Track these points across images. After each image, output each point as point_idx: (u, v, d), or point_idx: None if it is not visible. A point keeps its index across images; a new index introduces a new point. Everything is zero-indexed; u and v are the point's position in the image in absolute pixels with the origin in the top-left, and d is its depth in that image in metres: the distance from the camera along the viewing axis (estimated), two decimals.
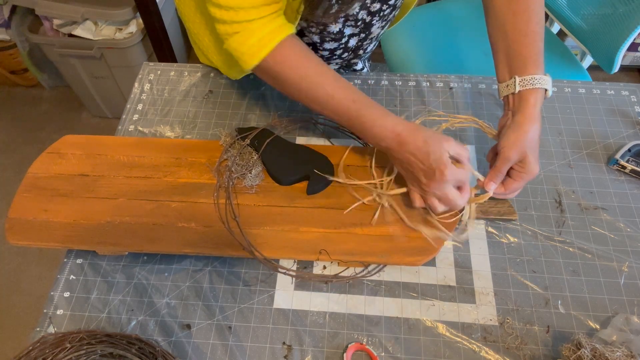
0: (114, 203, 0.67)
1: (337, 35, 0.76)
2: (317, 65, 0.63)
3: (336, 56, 0.83)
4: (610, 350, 0.53)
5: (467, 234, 0.66)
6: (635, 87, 0.83)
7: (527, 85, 0.62)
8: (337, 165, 0.70)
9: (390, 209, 0.66)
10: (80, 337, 0.52)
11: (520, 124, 0.62)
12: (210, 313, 0.62)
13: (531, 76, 0.62)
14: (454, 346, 0.59)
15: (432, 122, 0.77)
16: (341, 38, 0.77)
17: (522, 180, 0.62)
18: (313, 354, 0.59)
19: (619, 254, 0.65)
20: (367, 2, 0.72)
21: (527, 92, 0.62)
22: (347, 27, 0.76)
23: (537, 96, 0.62)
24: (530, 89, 0.62)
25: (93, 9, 1.45)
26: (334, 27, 0.75)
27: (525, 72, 0.63)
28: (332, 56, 0.83)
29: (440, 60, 1.16)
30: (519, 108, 0.63)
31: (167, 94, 0.85)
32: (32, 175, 0.71)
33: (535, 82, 0.61)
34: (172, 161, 0.72)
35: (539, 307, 0.62)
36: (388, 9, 0.76)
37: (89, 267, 0.66)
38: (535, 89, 0.62)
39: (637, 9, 0.96)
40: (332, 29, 0.75)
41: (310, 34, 0.77)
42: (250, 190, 0.69)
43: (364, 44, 0.83)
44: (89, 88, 1.71)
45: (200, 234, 0.64)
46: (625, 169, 0.72)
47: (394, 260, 0.62)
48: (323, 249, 0.63)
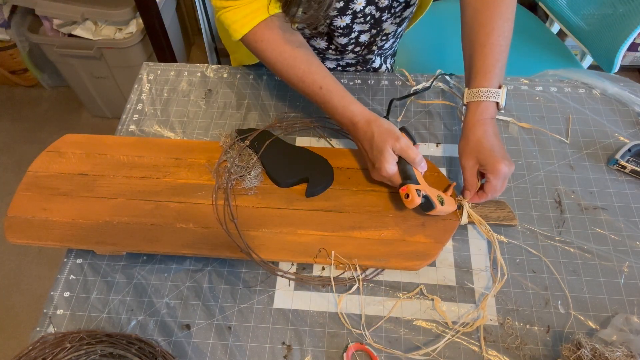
0: (113, 203, 0.67)
1: (345, 30, 0.77)
2: (292, 49, 0.67)
3: (348, 51, 0.84)
4: (610, 350, 0.53)
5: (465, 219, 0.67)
6: (635, 87, 0.83)
7: (473, 97, 0.66)
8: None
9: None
10: (80, 337, 0.52)
11: (464, 133, 0.66)
12: (210, 313, 0.62)
13: (477, 89, 0.66)
14: (454, 346, 0.59)
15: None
16: (350, 33, 0.78)
17: (492, 182, 0.63)
18: (313, 354, 0.59)
19: (619, 254, 0.65)
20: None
21: (473, 104, 0.66)
22: (356, 23, 0.76)
23: (482, 108, 0.65)
24: (475, 101, 0.65)
25: (93, 9, 1.45)
26: (341, 22, 0.75)
27: (474, 85, 0.66)
28: (345, 50, 0.84)
29: (441, 60, 1.16)
30: (466, 117, 0.67)
31: (167, 94, 0.85)
32: (32, 173, 0.71)
33: (481, 95, 0.65)
34: (172, 161, 0.72)
35: (539, 307, 0.62)
36: (399, 6, 0.76)
37: (88, 267, 0.66)
38: (480, 101, 0.65)
39: (637, 9, 0.96)
40: (339, 24, 0.75)
41: (321, 27, 0.78)
42: (249, 192, 0.69)
43: (377, 40, 0.83)
44: (89, 88, 1.71)
45: (199, 235, 0.64)
46: (625, 169, 0.72)
47: (392, 264, 0.62)
48: (322, 248, 0.63)
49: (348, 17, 0.74)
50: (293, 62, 0.67)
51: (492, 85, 0.65)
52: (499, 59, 0.66)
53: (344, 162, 0.72)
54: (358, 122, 0.65)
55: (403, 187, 0.61)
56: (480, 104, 0.66)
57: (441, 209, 0.62)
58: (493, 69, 0.65)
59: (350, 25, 0.76)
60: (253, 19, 0.65)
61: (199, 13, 1.57)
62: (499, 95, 0.65)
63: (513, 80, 0.85)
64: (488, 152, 0.63)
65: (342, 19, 0.75)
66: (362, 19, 0.75)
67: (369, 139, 0.64)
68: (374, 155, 0.63)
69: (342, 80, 0.86)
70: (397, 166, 0.63)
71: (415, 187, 0.60)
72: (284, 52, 0.67)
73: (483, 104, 0.65)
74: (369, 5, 0.73)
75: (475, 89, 0.66)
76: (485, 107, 0.65)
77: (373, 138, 0.63)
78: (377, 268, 0.64)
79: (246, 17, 0.65)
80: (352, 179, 0.70)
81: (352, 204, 0.67)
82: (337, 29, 0.77)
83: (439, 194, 0.64)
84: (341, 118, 0.67)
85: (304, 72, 0.67)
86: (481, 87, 0.65)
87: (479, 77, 0.66)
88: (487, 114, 0.65)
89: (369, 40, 0.82)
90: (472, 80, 0.67)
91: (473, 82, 0.67)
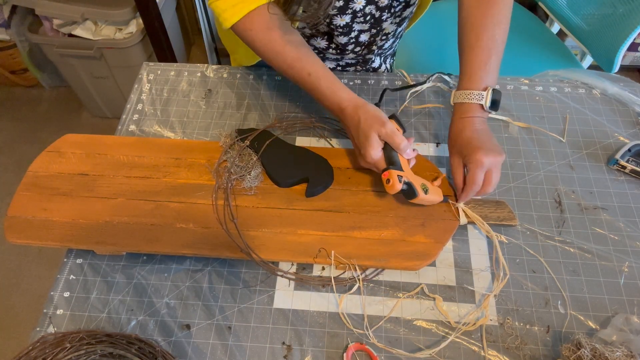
0: (113, 203, 0.67)
1: (345, 29, 0.77)
2: (281, 37, 0.67)
3: (348, 50, 0.84)
4: (610, 350, 0.53)
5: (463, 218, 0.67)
6: (635, 86, 0.83)
7: (457, 99, 0.68)
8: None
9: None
10: (80, 337, 0.52)
11: (450, 130, 0.69)
12: (210, 313, 0.62)
13: (461, 91, 0.68)
14: (454, 346, 0.59)
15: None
16: (350, 32, 0.78)
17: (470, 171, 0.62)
18: (313, 354, 0.59)
19: (619, 254, 0.65)
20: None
21: (457, 105, 0.69)
22: (355, 23, 0.76)
23: (465, 109, 0.67)
24: (460, 102, 0.67)
25: (93, 9, 1.45)
26: (340, 21, 0.76)
27: (459, 87, 0.69)
28: (345, 50, 0.84)
29: (442, 60, 1.16)
30: (452, 117, 0.70)
31: (167, 94, 0.85)
32: (32, 173, 0.71)
33: (464, 97, 0.67)
34: (172, 161, 0.72)
35: (539, 307, 0.62)
36: (399, 6, 0.76)
37: (88, 267, 0.66)
38: (463, 102, 0.67)
39: (637, 9, 0.96)
40: (339, 22, 0.76)
41: (320, 26, 0.78)
42: (249, 192, 0.69)
43: (377, 40, 0.83)
44: (89, 88, 1.71)
45: (199, 235, 0.64)
46: (625, 169, 0.72)
47: (392, 264, 0.62)
48: (322, 248, 0.63)
49: (348, 16, 0.74)
50: (282, 49, 0.68)
51: (476, 88, 0.66)
52: (487, 61, 0.67)
53: (344, 162, 0.72)
54: (346, 107, 0.66)
55: (385, 173, 0.61)
56: (463, 105, 0.67)
57: (424, 198, 0.62)
58: (479, 71, 0.67)
59: (350, 24, 0.76)
60: (243, 8, 0.66)
61: (199, 13, 1.57)
62: (482, 97, 0.66)
63: (513, 80, 0.85)
64: (466, 143, 0.64)
65: (342, 18, 0.75)
66: (362, 18, 0.75)
67: (355, 125, 0.64)
68: (360, 140, 0.64)
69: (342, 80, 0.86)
70: (383, 152, 0.63)
71: (397, 173, 0.60)
72: (273, 39, 0.68)
73: (466, 105, 0.67)
74: (369, 5, 0.73)
75: (460, 91, 0.68)
76: (468, 109, 0.67)
77: (359, 123, 0.64)
78: (377, 268, 0.64)
79: (236, 5, 0.66)
80: (352, 179, 0.70)
81: (352, 204, 0.67)
82: (337, 28, 0.77)
83: (424, 182, 0.64)
84: (330, 104, 0.68)
85: (293, 59, 0.68)
86: (465, 89, 0.67)
87: (465, 79, 0.68)
88: (471, 114, 0.66)
89: (369, 40, 0.82)
90: (459, 82, 0.69)
91: (459, 83, 0.69)
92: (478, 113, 0.66)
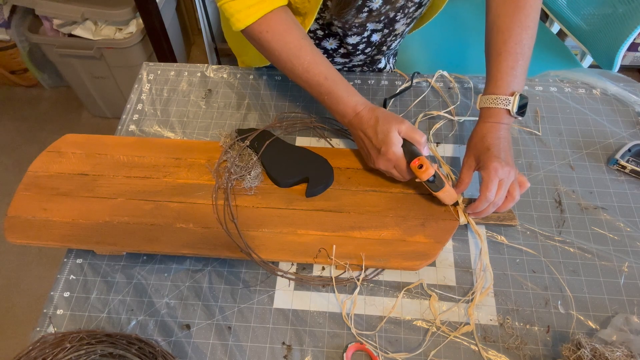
0: (113, 203, 0.67)
1: (359, 29, 0.77)
2: (298, 40, 0.67)
3: (359, 51, 0.84)
4: (610, 350, 0.53)
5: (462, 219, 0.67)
6: (635, 86, 0.83)
7: (484, 104, 0.68)
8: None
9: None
10: (80, 337, 0.52)
11: (471, 133, 0.68)
12: (209, 313, 0.62)
13: (488, 96, 0.67)
14: (454, 346, 0.59)
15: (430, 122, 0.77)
16: (363, 32, 0.78)
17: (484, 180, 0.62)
18: (313, 354, 0.59)
19: (619, 254, 0.65)
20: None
21: (484, 110, 0.68)
22: (370, 22, 0.76)
23: (491, 114, 0.67)
24: (486, 107, 0.67)
25: (93, 9, 1.45)
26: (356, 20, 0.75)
27: (486, 91, 0.68)
28: (356, 51, 0.84)
29: (443, 60, 1.16)
30: (477, 121, 0.69)
31: (167, 94, 0.85)
32: (32, 173, 0.71)
33: (491, 102, 0.67)
34: (172, 161, 0.72)
35: (539, 307, 0.62)
36: (413, 7, 0.76)
37: (88, 267, 0.66)
38: (490, 107, 0.67)
39: (637, 9, 0.96)
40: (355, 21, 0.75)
41: (334, 25, 0.78)
42: (249, 192, 0.69)
43: (388, 40, 0.83)
44: (89, 88, 1.71)
45: (199, 235, 0.64)
46: (625, 169, 0.72)
47: (392, 264, 0.62)
48: (322, 248, 0.63)
49: (364, 15, 0.74)
50: (299, 53, 0.67)
51: (503, 93, 0.66)
52: (514, 66, 0.66)
53: (344, 162, 0.72)
54: (362, 110, 0.66)
55: (414, 160, 0.62)
56: (489, 110, 0.67)
57: (449, 190, 0.63)
58: (506, 76, 0.66)
59: (364, 23, 0.76)
60: (259, 10, 0.66)
61: (199, 13, 1.57)
62: (509, 102, 0.65)
63: None
64: (485, 149, 0.64)
65: (358, 17, 0.75)
66: (377, 17, 0.75)
67: (373, 125, 0.64)
68: (379, 140, 0.63)
69: None
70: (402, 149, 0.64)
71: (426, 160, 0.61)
72: (289, 42, 0.67)
73: (493, 110, 0.66)
74: (385, 5, 0.73)
75: (486, 96, 0.67)
76: (494, 113, 0.66)
77: (378, 122, 0.64)
78: (377, 268, 0.64)
79: (251, 7, 0.65)
80: (352, 179, 0.70)
81: (352, 204, 0.67)
82: (352, 27, 0.77)
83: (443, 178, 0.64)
84: (344, 108, 0.67)
85: (310, 63, 0.67)
86: (491, 94, 0.67)
87: (491, 84, 0.67)
88: (497, 119, 0.66)
89: (380, 40, 0.82)
90: (485, 87, 0.69)
91: (486, 88, 0.69)
92: (504, 119, 0.66)
